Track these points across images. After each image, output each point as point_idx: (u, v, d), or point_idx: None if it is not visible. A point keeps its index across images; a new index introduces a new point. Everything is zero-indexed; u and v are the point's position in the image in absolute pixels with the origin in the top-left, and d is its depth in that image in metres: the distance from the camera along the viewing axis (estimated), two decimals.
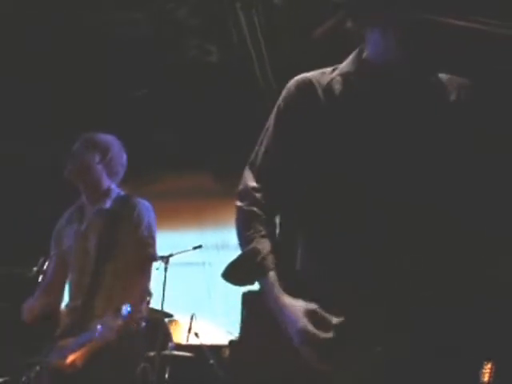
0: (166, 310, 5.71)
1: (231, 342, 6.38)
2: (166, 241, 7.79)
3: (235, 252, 1.94)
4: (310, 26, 5.09)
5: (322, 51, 5.34)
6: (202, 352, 5.91)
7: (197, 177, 8.18)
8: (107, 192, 3.44)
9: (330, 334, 1.53)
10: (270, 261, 1.74)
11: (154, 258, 3.26)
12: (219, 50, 5.89)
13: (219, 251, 7.89)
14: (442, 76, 1.79)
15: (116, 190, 3.51)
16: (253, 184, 1.90)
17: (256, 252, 1.75)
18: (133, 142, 7.57)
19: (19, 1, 5.37)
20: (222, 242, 7.95)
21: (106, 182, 3.47)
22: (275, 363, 2.19)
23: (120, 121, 7.03)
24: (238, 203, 1.90)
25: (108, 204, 3.37)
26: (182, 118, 7.02)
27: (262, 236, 1.79)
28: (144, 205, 3.38)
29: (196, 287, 7.73)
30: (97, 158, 3.45)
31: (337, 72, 1.81)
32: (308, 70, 1.86)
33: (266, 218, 1.84)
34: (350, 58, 1.86)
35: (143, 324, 3.17)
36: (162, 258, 5.71)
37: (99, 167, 3.45)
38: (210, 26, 5.59)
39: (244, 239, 1.82)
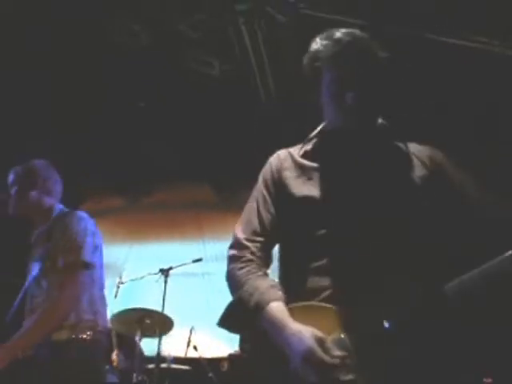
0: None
1: (230, 355, 6.37)
2: (165, 252, 7.87)
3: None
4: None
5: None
6: (200, 365, 5.89)
7: (196, 189, 8.18)
8: (48, 212, 3.51)
9: (335, 361, 1.66)
10: (256, 299, 1.88)
11: (81, 263, 3.16)
12: (220, 63, 5.91)
13: (219, 263, 7.89)
14: (413, 145, 2.08)
15: (58, 207, 3.57)
16: (243, 236, 2.13)
17: (241, 301, 1.95)
18: (132, 154, 7.66)
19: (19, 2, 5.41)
20: (222, 253, 7.95)
21: (47, 203, 3.55)
22: (275, 377, 2.21)
23: (119, 133, 7.07)
24: (229, 266, 2.11)
25: (48, 224, 3.45)
26: (181, 130, 7.04)
27: (248, 279, 1.96)
28: (77, 215, 3.42)
29: (196, 299, 7.72)
30: (30, 187, 3.53)
31: (306, 145, 2.18)
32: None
33: (252, 264, 2.01)
34: (318, 129, 2.21)
35: (99, 334, 3.15)
36: (162, 270, 5.70)
37: (34, 193, 3.52)
38: (211, 40, 5.62)
39: (236, 295, 2.00)
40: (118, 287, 5.94)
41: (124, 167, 7.91)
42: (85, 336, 3.08)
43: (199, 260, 6.06)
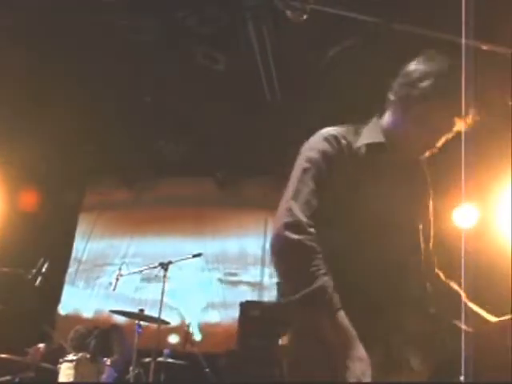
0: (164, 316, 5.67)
1: (228, 351, 6.38)
2: (165, 247, 7.88)
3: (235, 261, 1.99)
4: (320, 42, 5.13)
5: (329, 66, 5.38)
6: (197, 360, 5.89)
7: (199, 184, 8.19)
8: None
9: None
10: (336, 299, 1.87)
11: None
12: (226, 58, 5.90)
13: (218, 259, 7.90)
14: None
15: None
16: (305, 219, 2.00)
17: (323, 290, 1.86)
18: (135, 148, 7.66)
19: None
20: (222, 250, 7.96)
21: None
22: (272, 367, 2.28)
23: (123, 126, 7.07)
24: (294, 236, 1.99)
25: None
26: (186, 125, 7.04)
27: (324, 274, 1.90)
28: None
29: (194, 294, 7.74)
30: None
31: (361, 141, 2.19)
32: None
33: (321, 256, 1.94)
34: (371, 126, 2.26)
35: None
36: (162, 265, 5.69)
37: None
38: (218, 35, 5.61)
39: (307, 275, 1.90)
40: (118, 279, 5.93)
41: (129, 161, 7.93)
42: None
43: (199, 255, 6.05)
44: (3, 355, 5.41)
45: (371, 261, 2.02)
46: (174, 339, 6.36)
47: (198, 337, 6.04)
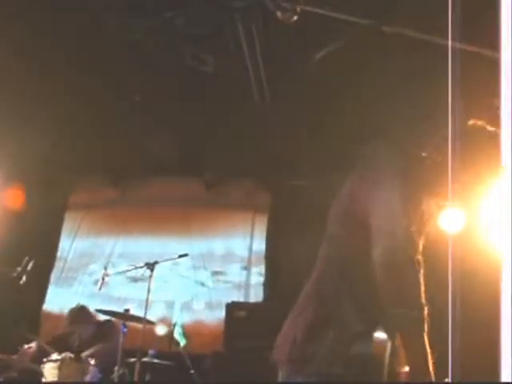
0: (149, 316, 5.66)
1: (214, 352, 6.37)
2: (151, 246, 7.86)
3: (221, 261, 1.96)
4: (310, 44, 5.14)
5: (319, 70, 5.39)
6: (182, 361, 5.88)
7: (186, 184, 8.18)
8: None
9: None
10: None
11: None
12: (215, 59, 5.89)
13: (205, 259, 7.89)
14: None
15: None
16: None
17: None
18: (124, 147, 7.64)
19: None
20: (208, 250, 7.95)
21: None
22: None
23: (111, 125, 7.05)
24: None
25: None
26: (174, 125, 7.03)
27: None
28: None
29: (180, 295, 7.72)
30: None
31: None
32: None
33: None
34: None
35: None
36: (148, 264, 5.68)
37: None
38: (207, 36, 5.61)
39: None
40: (103, 279, 5.92)
41: (116, 160, 7.91)
42: None
43: (185, 255, 6.05)
44: None
45: None
46: (161, 331, 6.31)
47: (182, 342, 6.00)
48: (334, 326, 2.07)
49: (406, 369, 1.96)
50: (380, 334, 2.06)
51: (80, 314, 6.13)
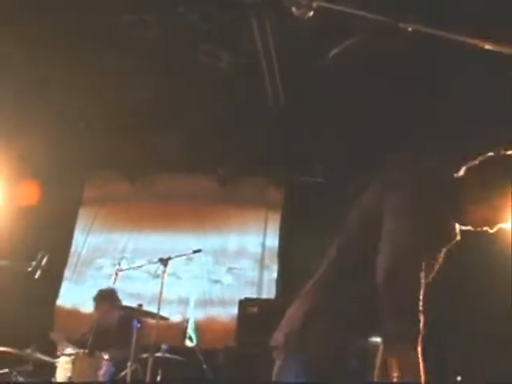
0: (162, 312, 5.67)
1: (226, 347, 6.38)
2: (165, 243, 7.88)
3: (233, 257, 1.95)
4: (325, 42, 5.12)
5: (335, 67, 5.37)
6: (195, 356, 5.89)
7: (199, 181, 8.19)
8: None
9: None
10: None
11: None
12: (229, 55, 5.89)
13: (218, 255, 7.90)
14: None
15: None
16: None
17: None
18: (139, 143, 7.67)
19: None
20: (221, 246, 7.96)
21: None
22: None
23: (127, 121, 7.07)
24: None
25: None
26: (188, 121, 7.04)
27: None
28: None
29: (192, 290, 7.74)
30: None
31: None
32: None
33: None
34: None
35: None
36: (161, 260, 5.68)
37: None
38: (220, 32, 5.60)
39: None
40: (117, 274, 5.93)
41: (130, 156, 7.93)
42: None
43: (199, 251, 6.05)
44: (1, 348, 5.42)
45: None
46: (172, 335, 6.33)
47: (194, 338, 6.01)
48: (331, 315, 2.12)
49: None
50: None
51: (109, 294, 6.14)
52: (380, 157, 5.56)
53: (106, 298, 6.05)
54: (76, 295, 8.00)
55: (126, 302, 6.26)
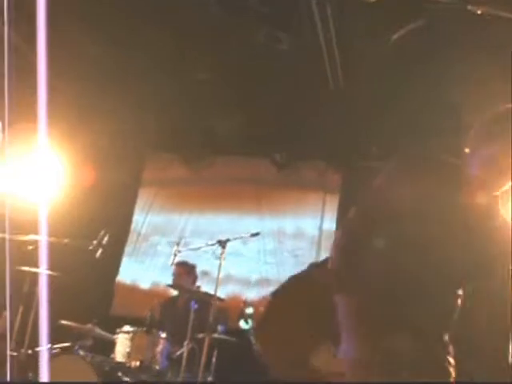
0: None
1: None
2: (223, 225, 7.94)
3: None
4: (387, 27, 5.02)
5: (395, 53, 5.26)
6: (250, 338, 5.93)
7: (257, 164, 8.20)
8: None
9: None
10: None
11: None
12: (289, 37, 5.84)
13: (275, 238, 7.92)
14: None
15: None
16: None
17: None
18: (198, 127, 7.73)
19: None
20: (279, 229, 7.97)
21: None
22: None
23: (185, 103, 7.13)
24: None
25: None
26: (247, 104, 7.03)
27: None
28: None
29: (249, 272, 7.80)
30: None
31: None
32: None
33: None
34: None
35: None
36: (220, 242, 5.73)
37: None
38: (281, 14, 5.56)
39: None
40: (175, 255, 6.02)
41: (188, 139, 8.01)
42: None
43: (257, 234, 6.07)
44: (64, 321, 5.60)
45: None
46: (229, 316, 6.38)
47: (250, 320, 6.04)
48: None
49: None
50: None
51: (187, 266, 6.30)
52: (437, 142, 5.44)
53: (190, 272, 6.21)
54: (135, 272, 8.17)
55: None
